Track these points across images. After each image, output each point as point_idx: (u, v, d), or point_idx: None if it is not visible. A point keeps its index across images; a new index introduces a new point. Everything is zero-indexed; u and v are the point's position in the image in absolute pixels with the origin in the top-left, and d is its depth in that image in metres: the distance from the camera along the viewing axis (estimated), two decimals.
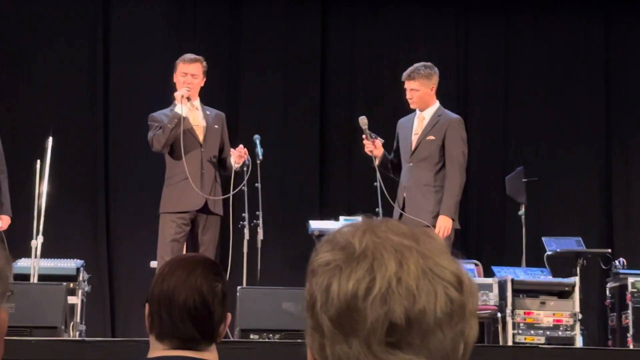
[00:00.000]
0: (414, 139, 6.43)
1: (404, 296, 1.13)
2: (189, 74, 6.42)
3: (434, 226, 6.16)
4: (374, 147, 6.37)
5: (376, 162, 6.39)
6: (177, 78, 6.43)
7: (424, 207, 6.27)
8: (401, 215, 6.30)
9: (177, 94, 6.30)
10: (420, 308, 1.13)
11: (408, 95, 6.44)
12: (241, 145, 6.43)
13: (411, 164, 6.37)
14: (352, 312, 1.14)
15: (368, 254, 1.16)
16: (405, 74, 6.44)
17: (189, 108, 6.42)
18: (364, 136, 6.39)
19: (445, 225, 6.18)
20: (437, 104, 6.49)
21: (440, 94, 6.62)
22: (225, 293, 2.43)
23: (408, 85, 6.43)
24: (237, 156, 6.37)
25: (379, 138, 6.43)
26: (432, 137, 6.41)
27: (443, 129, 6.42)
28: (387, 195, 6.35)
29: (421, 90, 6.40)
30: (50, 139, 6.64)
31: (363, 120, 6.43)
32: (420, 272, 1.14)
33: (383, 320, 1.12)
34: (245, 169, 6.49)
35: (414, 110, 6.56)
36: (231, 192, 6.42)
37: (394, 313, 1.12)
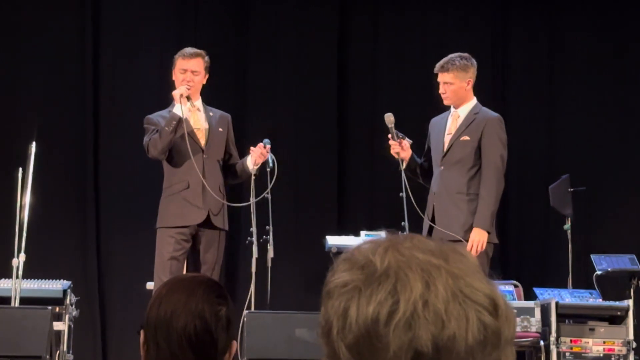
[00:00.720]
0: (447, 139, 6.48)
1: (431, 321, 1.13)
2: (189, 70, 6.46)
3: (467, 241, 6.15)
4: (400, 148, 6.36)
5: (403, 166, 6.38)
6: (176, 75, 6.49)
7: (455, 219, 6.32)
8: (431, 228, 6.27)
9: (175, 93, 6.34)
10: (449, 334, 1.13)
11: (441, 90, 6.48)
12: (260, 144, 6.42)
13: (442, 168, 6.43)
14: (373, 339, 1.14)
15: (391, 273, 1.17)
16: (438, 66, 6.47)
17: (189, 108, 6.44)
18: (389, 136, 6.42)
19: (479, 239, 6.20)
20: (474, 101, 6.51)
21: (476, 94, 6.61)
22: (230, 318, 2.43)
23: (441, 78, 6.46)
24: (259, 155, 6.38)
25: (406, 138, 6.44)
26: (466, 138, 6.44)
27: (479, 128, 6.45)
28: (415, 206, 6.32)
29: (456, 84, 6.43)
30: (34, 145, 6.66)
31: (389, 118, 6.46)
32: (449, 295, 1.15)
33: (407, 348, 1.13)
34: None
35: (447, 108, 6.56)
36: (252, 201, 6.43)
37: (420, 340, 1.13)
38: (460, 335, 1.13)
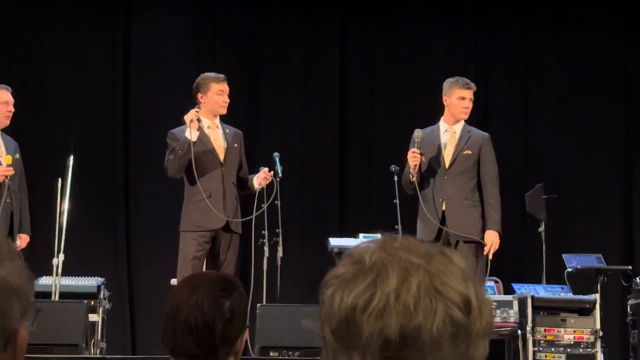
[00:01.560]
0: (448, 153, 6.41)
1: (400, 313, 1.13)
2: (225, 92, 6.44)
3: (482, 240, 6.22)
4: (418, 161, 6.30)
5: (414, 177, 6.33)
6: (212, 97, 6.42)
7: (469, 223, 6.29)
8: (440, 230, 6.26)
9: (186, 118, 6.27)
10: (415, 325, 1.13)
11: (466, 105, 6.41)
12: (266, 169, 6.43)
13: (447, 178, 6.37)
14: (351, 325, 1.15)
15: (374, 269, 1.16)
16: (464, 82, 6.41)
17: (209, 126, 6.44)
18: (414, 149, 6.30)
19: (495, 239, 6.26)
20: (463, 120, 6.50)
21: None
22: (234, 311, 2.39)
23: (468, 94, 6.42)
24: (263, 178, 6.41)
25: (424, 157, 6.38)
26: (468, 152, 6.42)
27: (478, 144, 6.46)
28: (424, 211, 6.31)
29: (472, 101, 6.46)
30: (71, 158, 6.67)
31: (418, 133, 6.39)
32: (422, 291, 1.15)
33: (378, 335, 1.13)
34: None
35: (429, 123, 6.57)
36: (254, 214, 6.42)
37: (389, 329, 1.13)
38: (425, 326, 1.13)
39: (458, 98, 6.39)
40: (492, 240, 6.25)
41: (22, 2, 8.76)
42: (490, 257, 6.28)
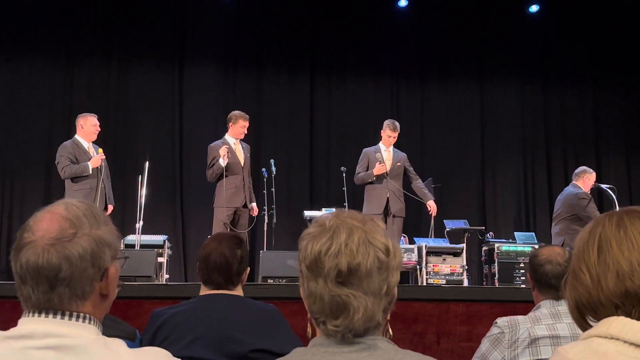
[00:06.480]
0: (388, 164, 6.49)
1: (348, 255, 1.15)
2: (246, 126, 6.42)
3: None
4: (384, 170, 6.40)
5: (374, 178, 6.41)
6: (238, 128, 6.34)
7: (401, 206, 6.43)
8: (387, 210, 6.34)
9: (221, 152, 6.20)
10: (357, 262, 1.15)
11: (391, 141, 6.51)
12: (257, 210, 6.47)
13: (388, 178, 6.42)
14: (318, 262, 1.16)
15: (331, 229, 1.19)
16: (396, 126, 6.52)
17: (234, 143, 6.42)
18: (383, 163, 6.38)
19: (435, 205, 6.55)
20: None
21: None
22: (242, 256, 2.37)
23: (394, 134, 6.51)
24: (255, 211, 6.43)
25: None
26: (399, 164, 6.54)
27: (402, 159, 6.56)
28: (373, 197, 6.34)
29: None
30: (147, 163, 6.60)
31: (380, 156, 6.47)
32: (360, 242, 1.16)
33: (334, 268, 1.15)
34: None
35: (373, 144, 6.66)
36: (250, 227, 6.32)
37: (341, 264, 1.15)
38: (363, 263, 1.15)
39: (388, 136, 6.52)
40: (434, 205, 6.50)
41: (115, 61, 8.53)
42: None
